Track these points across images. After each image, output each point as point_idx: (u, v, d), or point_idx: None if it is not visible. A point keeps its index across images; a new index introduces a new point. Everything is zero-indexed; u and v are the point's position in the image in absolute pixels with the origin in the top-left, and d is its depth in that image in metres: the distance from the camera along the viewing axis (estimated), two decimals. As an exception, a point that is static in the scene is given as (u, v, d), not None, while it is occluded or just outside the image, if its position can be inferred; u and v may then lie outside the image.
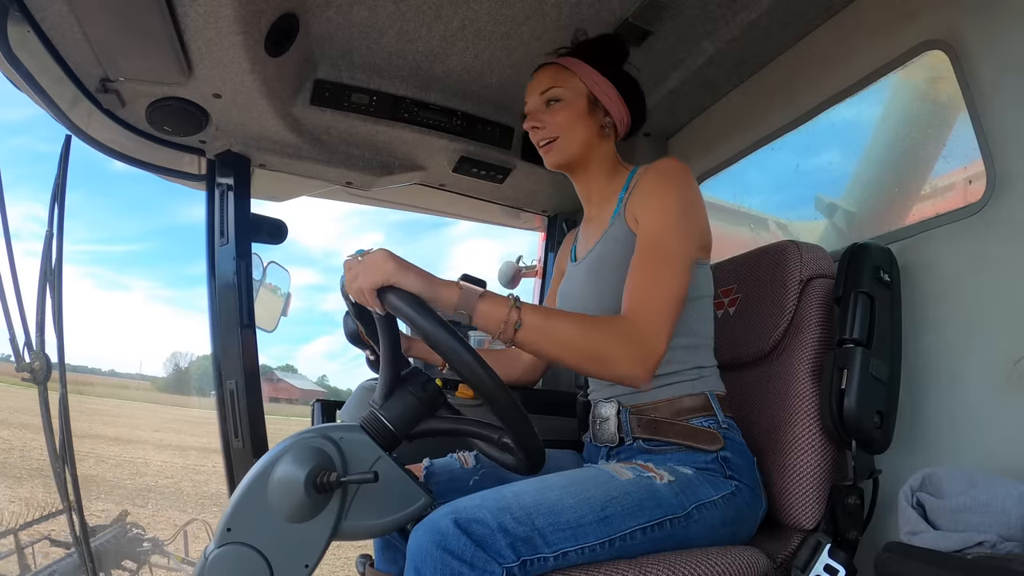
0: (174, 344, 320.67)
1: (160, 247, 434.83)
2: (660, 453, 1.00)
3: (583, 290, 1.12)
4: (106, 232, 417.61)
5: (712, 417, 1.00)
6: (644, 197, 1.02)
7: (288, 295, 1.80)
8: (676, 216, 0.96)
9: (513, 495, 0.82)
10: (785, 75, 1.42)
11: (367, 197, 1.99)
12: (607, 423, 1.06)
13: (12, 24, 1.06)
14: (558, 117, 1.10)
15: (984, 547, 0.74)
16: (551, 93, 1.11)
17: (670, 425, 1.00)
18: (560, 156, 1.12)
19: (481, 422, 0.85)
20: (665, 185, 1.00)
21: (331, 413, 1.48)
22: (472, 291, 0.84)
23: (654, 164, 1.05)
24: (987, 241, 1.00)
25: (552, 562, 0.79)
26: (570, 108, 1.10)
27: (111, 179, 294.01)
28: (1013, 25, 0.97)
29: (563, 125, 1.10)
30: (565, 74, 1.12)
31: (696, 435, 0.98)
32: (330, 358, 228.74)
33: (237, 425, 1.47)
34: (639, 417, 1.02)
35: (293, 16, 1.21)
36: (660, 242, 0.94)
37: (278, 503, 0.74)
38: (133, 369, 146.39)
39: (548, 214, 2.09)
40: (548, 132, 1.11)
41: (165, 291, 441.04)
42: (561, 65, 1.12)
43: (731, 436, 1.00)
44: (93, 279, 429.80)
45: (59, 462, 1.26)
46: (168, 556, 3.43)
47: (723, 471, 0.96)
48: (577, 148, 1.11)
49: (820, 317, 1.08)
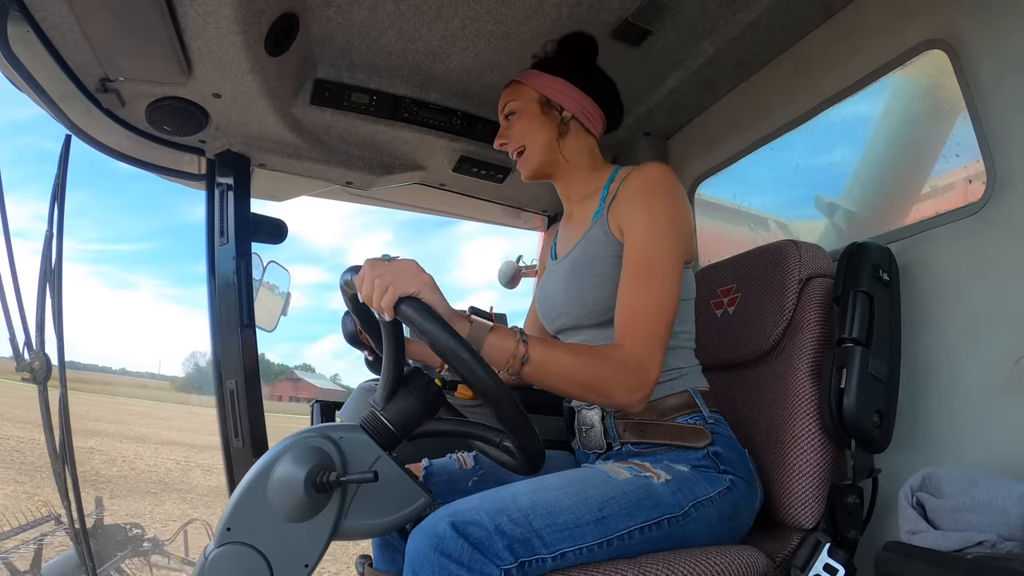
0: (181, 342, 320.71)
1: (167, 246, 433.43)
2: (651, 455, 0.99)
3: (563, 290, 1.11)
4: (114, 231, 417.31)
5: (697, 413, 1.00)
6: (631, 206, 1.01)
7: (288, 295, 1.81)
8: (665, 229, 0.97)
9: (510, 497, 0.82)
10: (785, 75, 1.41)
11: (367, 197, 1.99)
12: (592, 430, 1.06)
13: (12, 24, 1.05)
14: (515, 128, 1.15)
15: (984, 547, 0.74)
16: (507, 108, 1.17)
17: (656, 426, 1.00)
18: (529, 164, 1.15)
19: (482, 424, 0.85)
20: (652, 196, 0.99)
21: (330, 413, 1.48)
22: (483, 325, 0.86)
23: (640, 169, 1.03)
24: (987, 241, 1.00)
25: (550, 563, 0.79)
26: (523, 116, 1.15)
27: (119, 178, 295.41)
28: (1013, 25, 0.97)
29: (522, 134, 1.14)
30: (517, 87, 1.17)
31: (684, 433, 0.98)
32: (337, 357, 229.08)
33: (237, 425, 1.47)
34: (624, 421, 1.02)
35: (293, 16, 1.21)
36: (650, 257, 0.95)
37: (278, 503, 0.74)
38: (142, 368, 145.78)
39: (548, 214, 2.10)
40: (512, 144, 1.16)
41: (172, 289, 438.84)
42: (516, 81, 1.18)
43: (719, 431, 1.00)
44: (101, 277, 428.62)
45: (59, 462, 1.26)
46: (168, 556, 3.43)
47: (716, 467, 0.96)
48: (541, 152, 1.14)
49: (819, 316, 1.08)
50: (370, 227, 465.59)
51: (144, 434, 13.62)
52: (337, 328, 1.17)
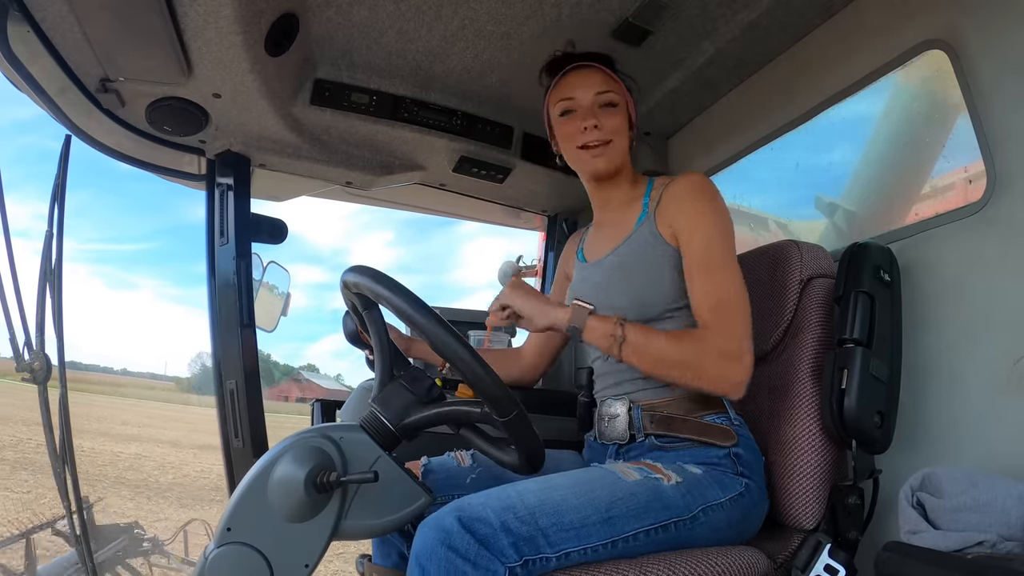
0: (184, 342, 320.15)
1: (166, 246, 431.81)
2: (672, 450, 1.00)
3: (607, 288, 1.10)
4: (114, 231, 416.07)
5: (724, 414, 1.01)
6: (683, 211, 1.04)
7: (288, 295, 1.80)
8: (723, 229, 1.02)
9: (517, 494, 0.82)
10: (785, 75, 1.41)
11: (367, 197, 1.99)
12: (616, 420, 1.06)
13: (12, 24, 1.05)
14: (614, 122, 1.10)
15: (984, 547, 0.74)
16: (608, 97, 1.11)
17: (683, 421, 1.00)
18: (612, 162, 1.11)
19: (470, 401, 0.85)
20: (704, 200, 1.04)
21: (331, 413, 1.48)
22: (583, 308, 0.99)
23: (684, 177, 1.08)
24: (987, 241, 1.00)
25: (554, 562, 0.80)
26: (623, 116, 1.12)
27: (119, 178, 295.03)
28: (1013, 25, 0.97)
29: (615, 129, 1.10)
30: (614, 82, 1.13)
31: (710, 431, 0.99)
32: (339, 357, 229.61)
33: (237, 425, 1.47)
34: (652, 414, 1.02)
35: (293, 16, 1.21)
36: (717, 254, 1.00)
37: (278, 503, 0.74)
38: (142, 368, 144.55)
39: (548, 214, 2.10)
40: (604, 134, 1.09)
41: (173, 289, 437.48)
42: (605, 72, 1.13)
43: (743, 433, 1.00)
44: (102, 278, 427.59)
45: (59, 462, 1.26)
46: (168, 556, 3.43)
47: (734, 468, 0.96)
48: (622, 156, 1.13)
49: (820, 317, 1.08)
50: (371, 227, 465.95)
51: (176, 438, 13.51)
52: (338, 328, 1.17)
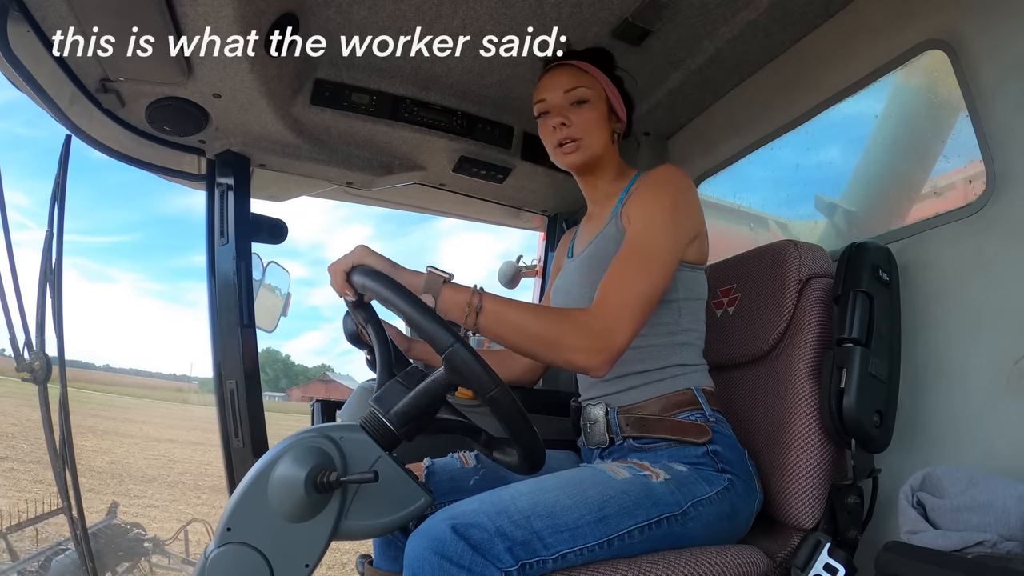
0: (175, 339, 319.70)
1: (144, 239, 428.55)
2: (651, 451, 1.00)
3: (576, 286, 1.13)
4: (89, 222, 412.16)
5: (699, 411, 1.01)
6: (639, 199, 1.04)
7: (288, 295, 1.81)
8: (665, 216, 0.99)
9: (510, 498, 0.82)
10: (785, 75, 1.41)
11: (367, 197, 1.99)
12: (596, 425, 1.07)
13: (12, 24, 1.06)
14: (585, 117, 1.10)
15: (984, 547, 0.74)
16: (578, 93, 1.11)
17: (658, 421, 1.01)
18: (584, 156, 1.11)
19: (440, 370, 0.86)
20: (659, 189, 1.03)
21: (331, 413, 1.48)
22: (437, 276, 0.90)
23: (658, 169, 1.07)
24: (987, 241, 1.00)
25: (551, 564, 0.79)
26: (596, 110, 1.12)
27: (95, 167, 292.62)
28: (1013, 25, 0.97)
29: (589, 126, 1.11)
30: (586, 76, 1.13)
31: (685, 429, 0.99)
32: (319, 353, 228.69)
33: (237, 425, 1.47)
34: (627, 416, 1.03)
35: (293, 16, 1.21)
36: (642, 239, 0.97)
37: (278, 503, 0.74)
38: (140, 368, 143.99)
39: (548, 214, 2.10)
40: (574, 131, 1.10)
41: (152, 284, 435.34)
42: (579, 67, 1.13)
43: (719, 429, 1.00)
44: (78, 269, 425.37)
45: (59, 461, 1.26)
46: (168, 556, 3.43)
47: (715, 465, 0.97)
48: (598, 150, 1.12)
49: (819, 316, 1.08)
50: (350, 220, 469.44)
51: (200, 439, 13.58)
52: (318, 324, 1.18)
